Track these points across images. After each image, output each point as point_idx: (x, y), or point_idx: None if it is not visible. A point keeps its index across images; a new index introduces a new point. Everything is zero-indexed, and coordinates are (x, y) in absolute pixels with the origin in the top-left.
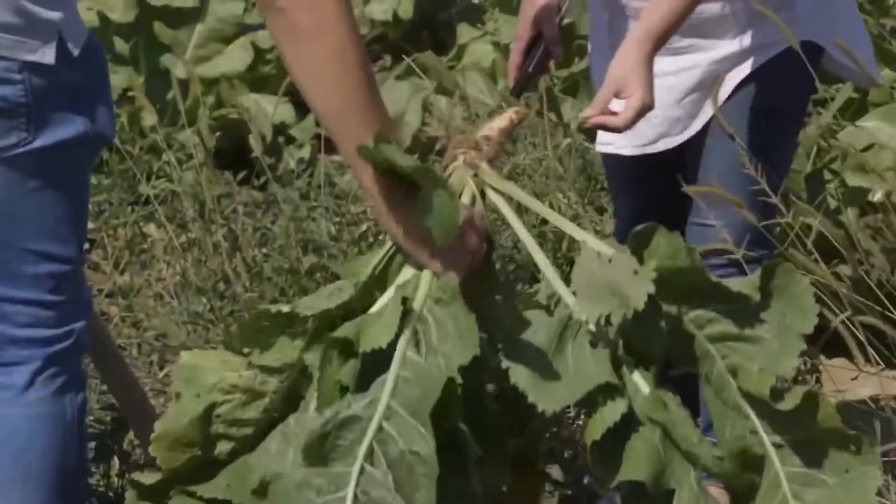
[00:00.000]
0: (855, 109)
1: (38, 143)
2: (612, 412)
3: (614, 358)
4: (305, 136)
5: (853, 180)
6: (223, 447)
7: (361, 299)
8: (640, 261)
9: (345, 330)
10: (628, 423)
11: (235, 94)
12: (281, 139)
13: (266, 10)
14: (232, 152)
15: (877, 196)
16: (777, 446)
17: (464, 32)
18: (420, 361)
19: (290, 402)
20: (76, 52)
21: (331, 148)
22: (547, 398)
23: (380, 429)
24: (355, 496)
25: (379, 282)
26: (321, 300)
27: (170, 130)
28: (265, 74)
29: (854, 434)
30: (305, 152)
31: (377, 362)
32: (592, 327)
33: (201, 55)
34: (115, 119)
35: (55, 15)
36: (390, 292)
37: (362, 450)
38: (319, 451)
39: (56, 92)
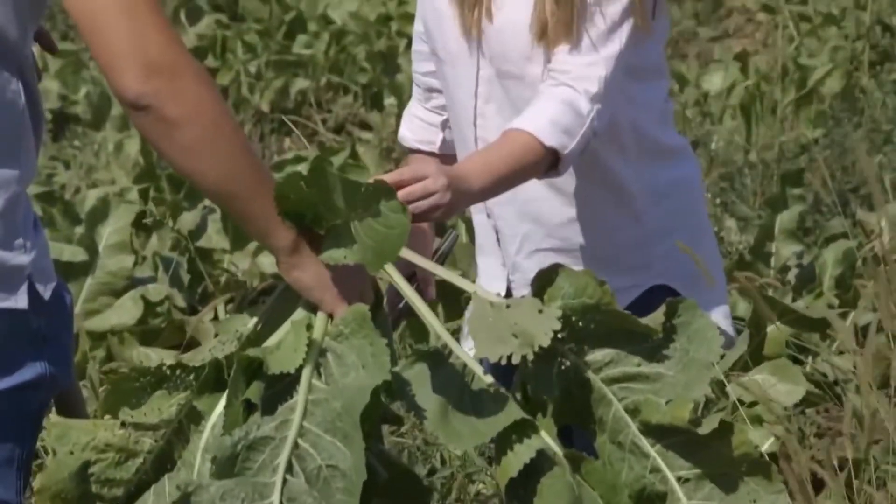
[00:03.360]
0: (745, 363)
1: None
2: (527, 449)
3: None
4: None
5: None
6: None
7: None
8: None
9: (253, 352)
10: (542, 461)
11: (125, 348)
12: None
13: (132, 112)
14: None
15: (765, 446)
16: (682, 480)
17: None
18: (326, 388)
19: (163, 462)
20: (46, 296)
21: None
22: (458, 439)
23: (296, 446)
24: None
25: (262, 336)
26: (207, 354)
27: None
28: (155, 327)
29: (764, 461)
30: None
31: (281, 389)
32: (490, 378)
33: (91, 309)
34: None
35: (25, 259)
36: (286, 326)
37: (281, 463)
38: (232, 468)
39: (22, 336)
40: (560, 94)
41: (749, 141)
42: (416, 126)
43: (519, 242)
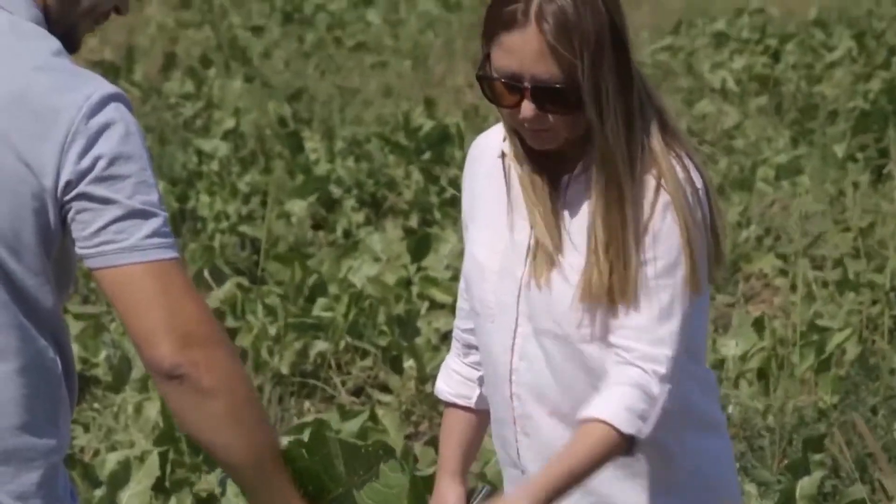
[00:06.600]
0: None
1: None
2: None
3: None
4: None
5: None
6: None
7: None
8: None
9: None
10: None
11: None
12: None
13: (164, 382)
14: None
15: None
16: None
17: None
18: None
19: None
20: None
21: None
22: None
23: None
24: None
25: None
26: None
27: None
28: None
29: None
30: None
31: None
32: None
33: None
34: None
35: None
36: None
37: None
38: None
39: None
40: (631, 377)
41: (767, 405)
42: (454, 381)
43: None
